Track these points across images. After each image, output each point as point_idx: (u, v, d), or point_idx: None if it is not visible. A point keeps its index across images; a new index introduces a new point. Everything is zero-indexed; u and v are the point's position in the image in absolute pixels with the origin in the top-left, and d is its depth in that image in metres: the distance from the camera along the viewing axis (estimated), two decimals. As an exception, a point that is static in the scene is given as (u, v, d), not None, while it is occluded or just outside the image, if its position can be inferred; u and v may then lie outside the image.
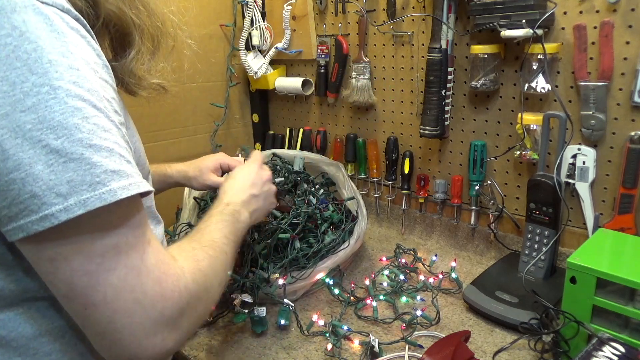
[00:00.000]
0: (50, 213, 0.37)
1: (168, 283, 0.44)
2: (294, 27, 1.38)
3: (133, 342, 0.42)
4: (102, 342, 0.43)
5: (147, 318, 0.42)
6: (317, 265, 0.96)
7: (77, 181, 0.38)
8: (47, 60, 0.38)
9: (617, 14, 0.84)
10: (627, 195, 0.87)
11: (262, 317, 0.85)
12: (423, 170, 1.22)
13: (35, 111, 0.37)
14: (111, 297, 0.40)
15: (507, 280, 0.93)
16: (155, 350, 0.43)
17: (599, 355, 0.63)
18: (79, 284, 0.40)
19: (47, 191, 0.37)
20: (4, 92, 0.37)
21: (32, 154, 0.37)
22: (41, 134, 0.37)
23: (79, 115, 0.38)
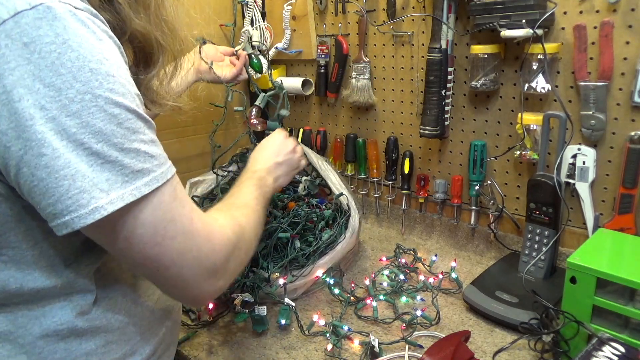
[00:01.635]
0: (100, 205, 0.42)
1: (215, 239, 0.53)
2: (294, 27, 1.38)
3: (197, 287, 0.52)
4: (173, 290, 0.53)
5: (205, 269, 0.51)
6: (316, 262, 0.96)
7: (113, 180, 0.43)
8: (89, 69, 0.42)
9: (617, 14, 0.84)
10: (627, 195, 0.87)
11: (262, 316, 0.85)
12: (423, 170, 1.22)
13: (79, 117, 0.41)
14: (177, 258, 0.49)
15: (507, 280, 0.93)
16: (211, 290, 0.54)
17: (599, 355, 0.63)
18: (151, 253, 0.47)
19: (93, 187, 0.42)
20: (51, 97, 0.40)
21: (76, 154, 0.41)
22: (84, 138, 0.41)
23: (115, 121, 0.43)
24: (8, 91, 0.40)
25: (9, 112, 0.40)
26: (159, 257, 0.48)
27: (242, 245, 0.59)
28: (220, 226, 0.56)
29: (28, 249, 0.48)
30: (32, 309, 0.50)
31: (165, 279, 0.50)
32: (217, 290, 0.55)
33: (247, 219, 0.63)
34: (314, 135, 1.44)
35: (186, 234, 0.49)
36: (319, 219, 1.04)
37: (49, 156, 0.40)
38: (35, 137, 0.40)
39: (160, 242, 0.47)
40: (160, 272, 0.49)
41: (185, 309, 0.94)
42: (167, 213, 0.47)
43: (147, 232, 0.46)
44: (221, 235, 0.54)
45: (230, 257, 0.55)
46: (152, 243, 0.47)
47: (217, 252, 0.53)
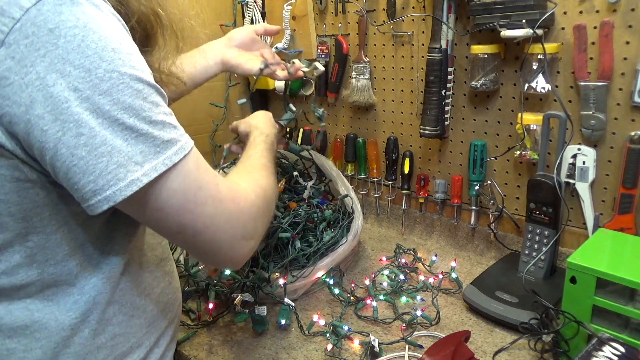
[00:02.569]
0: (136, 178, 0.44)
1: (241, 202, 0.55)
2: (294, 27, 1.38)
3: (229, 250, 0.54)
4: (207, 255, 0.55)
5: (235, 230, 0.54)
6: (317, 263, 0.96)
7: (147, 151, 0.45)
8: (112, 49, 0.44)
9: (617, 14, 0.84)
10: (627, 195, 0.87)
11: (262, 316, 0.85)
12: (423, 170, 1.22)
13: (110, 94, 0.43)
14: (210, 223, 0.51)
15: (507, 280, 0.93)
16: (244, 251, 0.56)
17: (599, 355, 0.63)
18: (185, 220, 0.50)
19: (128, 161, 0.44)
20: (82, 78, 0.42)
21: (111, 131, 0.43)
22: (117, 114, 0.43)
23: (141, 96, 0.45)
24: (42, 77, 0.41)
25: (44, 96, 0.41)
26: (192, 223, 0.50)
27: (265, 206, 0.61)
28: (244, 189, 0.58)
29: (52, 232, 0.50)
30: (50, 299, 0.51)
31: (201, 245, 0.53)
32: (250, 250, 0.57)
33: (266, 181, 0.66)
34: (314, 135, 1.44)
35: (214, 199, 0.51)
36: (320, 220, 1.04)
37: (87, 135, 0.42)
38: (73, 118, 0.42)
39: (192, 209, 0.49)
40: (196, 239, 0.51)
41: (185, 308, 0.94)
42: (195, 180, 0.50)
43: (178, 201, 0.48)
44: (245, 197, 0.56)
45: (256, 217, 0.57)
46: (184, 210, 0.49)
47: (244, 214, 0.55)
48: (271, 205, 0.65)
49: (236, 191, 0.56)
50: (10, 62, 0.41)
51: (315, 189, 1.13)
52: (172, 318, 0.66)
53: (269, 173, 0.69)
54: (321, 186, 1.15)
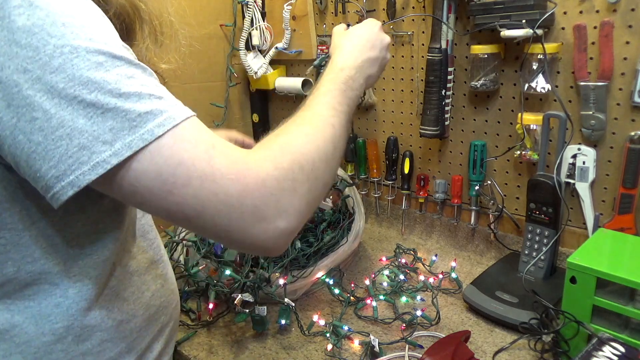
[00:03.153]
0: (102, 159, 0.40)
1: (247, 178, 0.44)
2: (294, 27, 1.38)
3: (242, 234, 0.45)
4: (222, 241, 0.48)
5: (242, 213, 0.44)
6: (317, 263, 0.96)
7: (118, 128, 0.40)
8: (62, 23, 0.40)
9: (617, 14, 0.84)
10: (627, 195, 0.87)
11: (263, 316, 0.85)
12: (423, 170, 1.22)
13: (64, 70, 0.39)
14: (200, 207, 0.43)
15: (507, 280, 0.93)
16: (268, 234, 0.45)
17: (599, 355, 0.63)
18: (168, 204, 0.43)
19: (93, 141, 0.39)
20: (30, 58, 0.39)
21: (71, 110, 0.39)
22: (74, 91, 0.39)
23: (103, 68, 0.41)
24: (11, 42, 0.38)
25: (9, 63, 0.39)
26: (179, 207, 0.43)
27: (298, 177, 0.48)
28: (256, 160, 0.46)
29: (25, 229, 0.47)
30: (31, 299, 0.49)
31: (205, 230, 0.45)
32: (279, 233, 0.46)
33: (305, 141, 0.51)
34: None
35: (202, 177, 0.42)
36: (319, 220, 1.04)
37: (42, 119, 0.39)
38: (25, 102, 0.39)
39: (172, 191, 0.42)
40: (194, 223, 0.44)
41: (185, 308, 0.94)
42: (172, 157, 0.42)
43: (152, 183, 0.42)
44: (256, 172, 0.45)
45: (276, 194, 0.46)
46: (164, 193, 0.42)
47: (253, 192, 0.44)
48: (313, 171, 0.50)
49: (242, 165, 0.45)
50: None
51: None
52: (166, 322, 0.64)
53: (319, 129, 0.54)
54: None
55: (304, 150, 0.50)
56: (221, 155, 0.44)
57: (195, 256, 0.99)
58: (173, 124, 0.42)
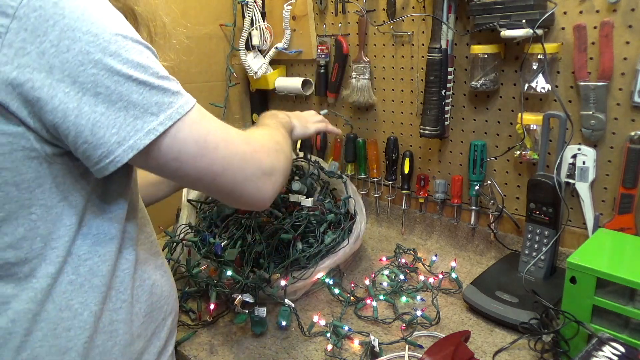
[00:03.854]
0: (152, 127, 0.49)
1: (253, 143, 0.60)
2: (294, 27, 1.38)
3: (253, 186, 0.59)
4: (234, 196, 0.59)
5: (253, 167, 0.59)
6: (318, 264, 0.96)
7: (161, 102, 0.50)
8: (111, 16, 0.49)
9: (617, 14, 0.84)
10: (627, 195, 0.88)
11: (262, 317, 0.85)
12: (423, 170, 1.22)
13: (119, 55, 0.48)
14: (226, 164, 0.56)
15: (507, 280, 0.93)
16: (268, 187, 0.61)
17: (599, 355, 0.63)
18: (201, 165, 0.54)
19: (144, 113, 0.49)
20: (91, 42, 0.46)
21: (127, 86, 0.48)
22: (129, 72, 0.48)
23: (144, 55, 0.50)
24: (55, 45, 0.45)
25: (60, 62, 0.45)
26: (210, 167, 0.55)
27: (280, 150, 0.66)
28: (252, 132, 0.65)
29: (53, 206, 0.51)
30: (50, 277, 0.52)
31: (224, 187, 0.57)
32: (273, 185, 0.62)
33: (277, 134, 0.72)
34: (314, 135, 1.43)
35: (226, 141, 0.56)
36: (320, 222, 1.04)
37: (104, 94, 0.47)
38: (89, 79, 0.46)
39: (205, 154, 0.54)
40: (217, 182, 0.56)
41: (185, 308, 0.94)
42: (202, 128, 0.54)
43: (191, 148, 0.53)
44: (257, 140, 0.62)
45: (271, 153, 0.63)
46: (199, 156, 0.53)
47: (259, 152, 0.60)
48: (287, 153, 0.69)
49: (247, 135, 0.61)
50: (24, 33, 0.44)
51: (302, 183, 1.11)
52: (169, 311, 0.67)
53: (282, 135, 0.75)
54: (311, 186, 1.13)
55: (278, 140, 0.70)
56: (232, 128, 0.59)
57: (196, 256, 0.99)
58: (192, 104, 0.54)
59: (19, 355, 0.50)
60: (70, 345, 0.53)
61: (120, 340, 0.58)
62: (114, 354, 0.57)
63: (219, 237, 1.02)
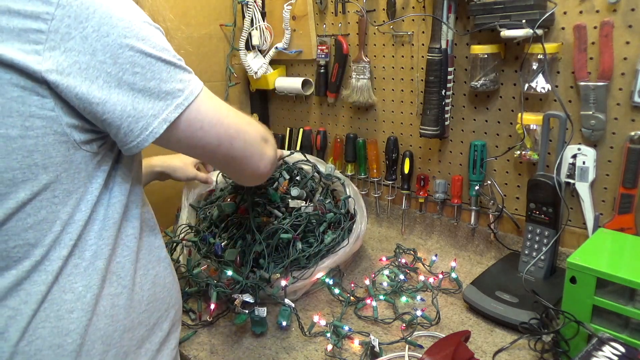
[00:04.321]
0: (180, 102, 0.56)
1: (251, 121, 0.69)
2: (294, 27, 1.38)
3: (256, 153, 0.68)
4: (245, 160, 0.67)
5: (256, 131, 0.68)
6: (318, 264, 0.96)
7: (185, 78, 0.58)
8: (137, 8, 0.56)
9: (617, 14, 0.84)
10: (627, 195, 0.88)
11: (262, 317, 0.85)
12: (423, 170, 1.22)
13: (149, 40, 0.54)
14: (237, 127, 0.64)
15: (507, 280, 0.93)
16: (267, 155, 0.70)
17: (599, 355, 0.63)
18: (221, 131, 0.62)
19: (173, 89, 0.56)
20: (127, 28, 0.52)
21: (158, 66, 0.55)
22: (158, 54, 0.55)
23: (164, 40, 0.57)
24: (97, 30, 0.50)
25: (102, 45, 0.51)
26: (227, 131, 0.62)
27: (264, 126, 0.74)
28: None
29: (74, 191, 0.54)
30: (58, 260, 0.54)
31: (239, 151, 0.65)
32: (270, 153, 0.71)
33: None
34: (314, 135, 1.44)
35: (229, 109, 0.64)
36: (319, 222, 1.03)
37: (140, 73, 0.53)
38: (128, 60, 0.52)
39: (221, 119, 0.62)
40: (235, 145, 0.64)
41: (186, 308, 0.94)
42: (212, 99, 0.62)
43: (212, 116, 0.60)
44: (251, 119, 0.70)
45: (263, 126, 0.72)
46: (217, 123, 0.61)
47: (256, 123, 0.70)
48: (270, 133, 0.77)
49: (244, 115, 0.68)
50: (68, 20, 0.49)
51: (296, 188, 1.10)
52: (172, 303, 0.68)
53: None
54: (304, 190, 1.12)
55: None
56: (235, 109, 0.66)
57: (196, 257, 0.99)
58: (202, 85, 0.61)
59: (23, 335, 0.52)
60: (72, 327, 0.54)
61: (120, 325, 0.59)
62: (115, 338, 0.58)
63: (219, 237, 1.02)
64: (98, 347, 0.56)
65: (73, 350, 0.54)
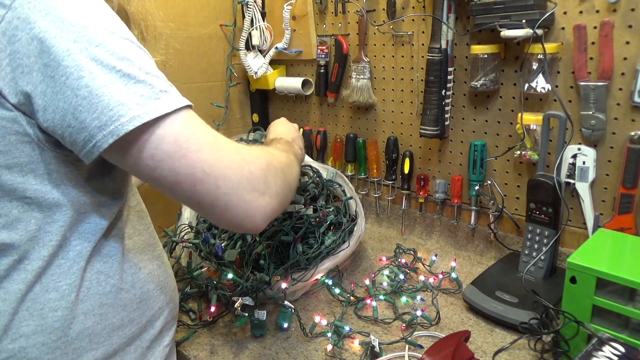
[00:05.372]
0: (137, 114, 0.48)
1: (244, 152, 0.56)
2: (294, 27, 1.38)
3: (239, 199, 0.54)
4: (218, 210, 0.54)
5: (241, 176, 0.54)
6: (318, 266, 0.95)
7: (147, 95, 0.49)
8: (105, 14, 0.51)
9: (617, 14, 0.84)
10: (627, 195, 0.88)
11: (262, 320, 0.85)
12: (423, 170, 1.22)
13: (106, 46, 0.49)
14: (208, 169, 0.52)
15: (507, 280, 0.93)
16: (260, 203, 0.55)
17: (599, 355, 0.63)
18: (180, 166, 0.51)
19: (129, 101, 0.48)
20: (79, 32, 0.48)
21: (111, 76, 0.48)
22: (114, 63, 0.49)
23: (134, 52, 0.51)
24: (44, 31, 0.47)
25: (47, 47, 0.47)
26: (189, 170, 0.51)
27: (277, 165, 0.61)
28: (247, 146, 0.60)
29: (47, 192, 0.53)
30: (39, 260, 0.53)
31: (206, 197, 0.53)
32: (266, 207, 0.56)
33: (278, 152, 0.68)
34: (314, 135, 1.44)
35: (212, 146, 0.53)
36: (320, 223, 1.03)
37: (87, 77, 0.47)
38: (74, 64, 0.47)
39: (185, 154, 0.51)
40: (197, 189, 0.52)
41: (185, 308, 0.94)
42: (188, 129, 0.52)
43: (170, 147, 0.50)
44: (249, 150, 0.58)
45: (267, 171, 0.57)
46: (178, 156, 0.51)
47: (250, 163, 0.56)
48: (289, 177, 0.65)
49: (238, 145, 0.57)
50: (17, 21, 0.47)
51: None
52: (166, 301, 0.68)
53: (281, 152, 0.70)
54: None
55: (278, 157, 0.65)
56: (223, 137, 0.55)
57: (197, 260, 0.99)
58: (181, 104, 0.52)
59: (6, 334, 0.52)
60: (56, 326, 0.54)
61: (109, 323, 0.59)
62: (103, 336, 0.58)
63: (219, 237, 1.02)
64: (85, 345, 0.56)
65: (57, 347, 0.54)
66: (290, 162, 0.69)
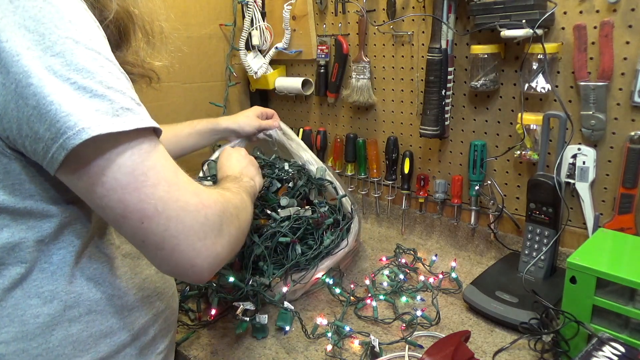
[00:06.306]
0: (87, 126, 0.43)
1: (203, 195, 0.52)
2: (294, 27, 1.38)
3: (188, 245, 0.49)
4: (162, 253, 0.49)
5: (195, 221, 0.50)
6: (317, 266, 0.95)
7: (103, 110, 0.45)
8: (68, 21, 0.46)
9: (617, 14, 0.84)
10: (627, 195, 0.88)
11: (263, 324, 0.85)
12: (423, 170, 1.23)
13: (64, 56, 0.44)
14: (161, 207, 0.47)
15: (507, 280, 0.93)
16: (209, 252, 0.51)
17: (599, 355, 0.63)
18: (131, 200, 0.46)
19: (80, 112, 0.44)
20: (35, 41, 0.44)
21: (64, 87, 0.44)
22: (69, 74, 0.44)
23: (97, 63, 0.46)
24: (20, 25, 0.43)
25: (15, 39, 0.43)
26: (140, 205, 0.46)
27: (234, 214, 0.57)
28: (207, 189, 0.57)
29: (20, 201, 0.50)
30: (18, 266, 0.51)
31: (153, 236, 0.48)
32: (215, 255, 0.52)
33: (232, 195, 0.63)
34: (314, 135, 1.44)
35: (169, 183, 0.48)
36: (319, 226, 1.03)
37: (36, 85, 0.43)
38: (22, 69, 0.43)
39: (138, 187, 0.46)
40: (146, 227, 0.47)
41: (185, 308, 0.94)
42: (147, 159, 0.47)
43: (123, 176, 0.46)
44: (208, 194, 0.54)
45: (222, 217, 0.53)
46: (130, 188, 0.46)
47: (207, 207, 0.51)
48: (240, 219, 0.60)
49: (198, 186, 0.53)
50: None
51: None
52: (163, 308, 0.66)
53: (235, 194, 0.65)
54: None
55: (233, 201, 0.61)
56: (183, 175, 0.52)
57: None
58: (143, 126, 0.47)
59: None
60: (38, 332, 0.52)
61: (96, 331, 0.57)
62: (89, 344, 0.56)
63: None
64: (68, 352, 0.54)
65: (38, 354, 0.52)
66: (243, 204, 0.65)
